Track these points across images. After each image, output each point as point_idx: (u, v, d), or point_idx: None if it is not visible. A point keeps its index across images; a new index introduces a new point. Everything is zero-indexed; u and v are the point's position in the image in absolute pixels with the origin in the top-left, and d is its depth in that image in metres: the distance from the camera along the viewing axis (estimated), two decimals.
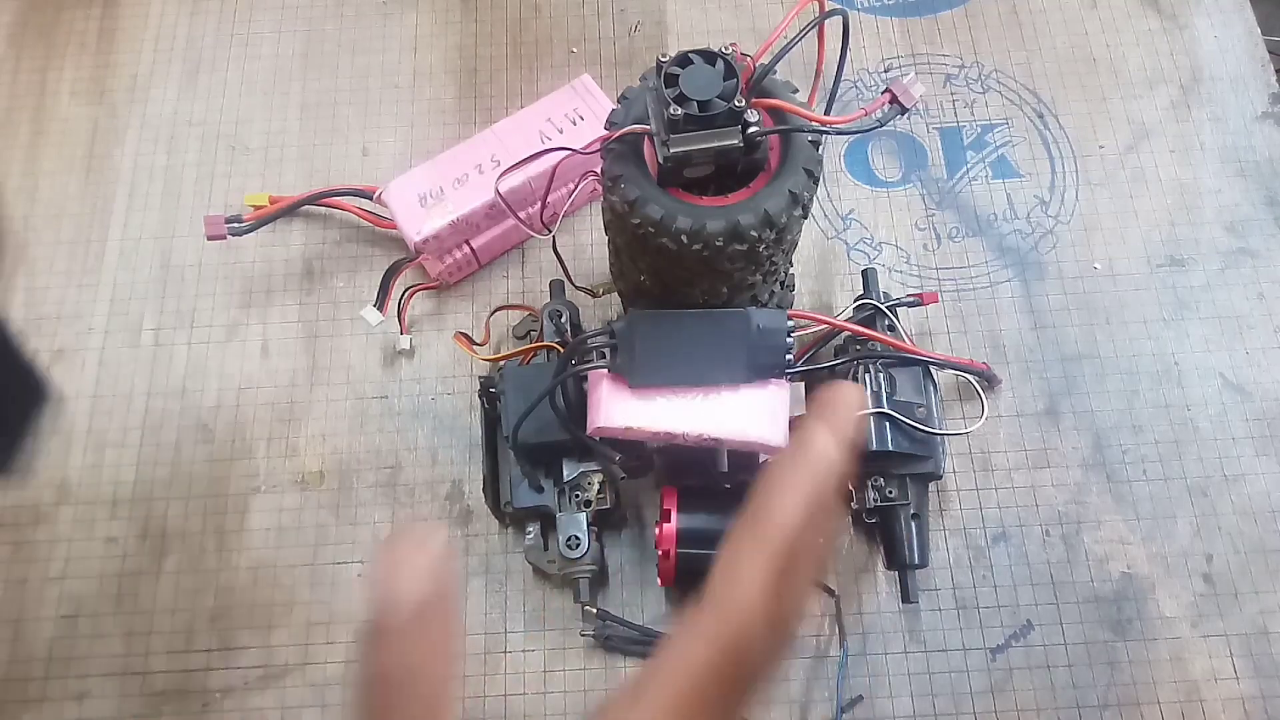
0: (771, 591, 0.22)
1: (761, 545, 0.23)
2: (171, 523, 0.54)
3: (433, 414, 0.56)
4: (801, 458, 0.23)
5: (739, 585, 0.23)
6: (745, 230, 0.39)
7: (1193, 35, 0.65)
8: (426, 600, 0.22)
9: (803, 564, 0.23)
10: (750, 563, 0.23)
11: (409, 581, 0.22)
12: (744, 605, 0.22)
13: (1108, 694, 0.49)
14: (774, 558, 0.23)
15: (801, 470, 0.23)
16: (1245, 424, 0.55)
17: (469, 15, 0.67)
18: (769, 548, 0.23)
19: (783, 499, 0.23)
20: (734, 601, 0.23)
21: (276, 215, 0.57)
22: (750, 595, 0.22)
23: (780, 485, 0.23)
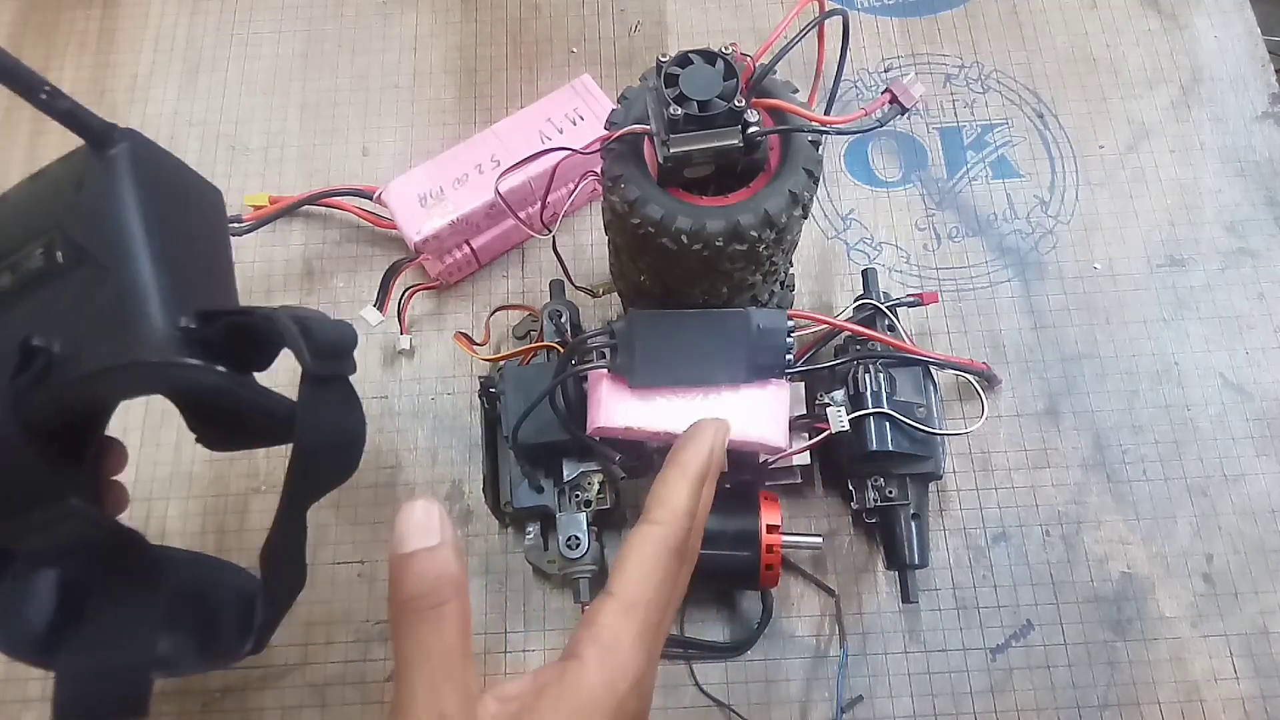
0: (691, 504, 0.33)
1: (682, 475, 0.34)
2: (171, 523, 0.54)
3: (433, 414, 0.56)
4: (706, 425, 0.36)
5: (670, 502, 0.33)
6: (745, 230, 0.39)
7: (1193, 35, 0.65)
8: (449, 534, 0.28)
9: (707, 487, 0.35)
10: (677, 486, 0.33)
11: (434, 521, 0.28)
12: (676, 512, 0.32)
13: (1108, 694, 0.49)
14: (692, 484, 0.33)
15: (707, 431, 0.36)
16: (1245, 424, 0.55)
17: (469, 15, 0.67)
18: (688, 477, 0.34)
19: (694, 447, 0.35)
20: (669, 511, 0.33)
21: (276, 215, 0.57)
22: (679, 507, 0.33)
23: (692, 440, 0.35)
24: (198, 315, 0.30)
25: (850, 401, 0.48)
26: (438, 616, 0.27)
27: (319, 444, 0.32)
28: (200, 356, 0.30)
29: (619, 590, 0.30)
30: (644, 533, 0.32)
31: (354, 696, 0.50)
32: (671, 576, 0.32)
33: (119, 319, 0.29)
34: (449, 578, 0.28)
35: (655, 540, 0.32)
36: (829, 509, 0.53)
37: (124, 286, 0.30)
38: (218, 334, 0.30)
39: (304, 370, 0.31)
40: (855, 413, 0.47)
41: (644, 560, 0.31)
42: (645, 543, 0.32)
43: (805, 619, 0.51)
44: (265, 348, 0.32)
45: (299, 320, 0.31)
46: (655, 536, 0.32)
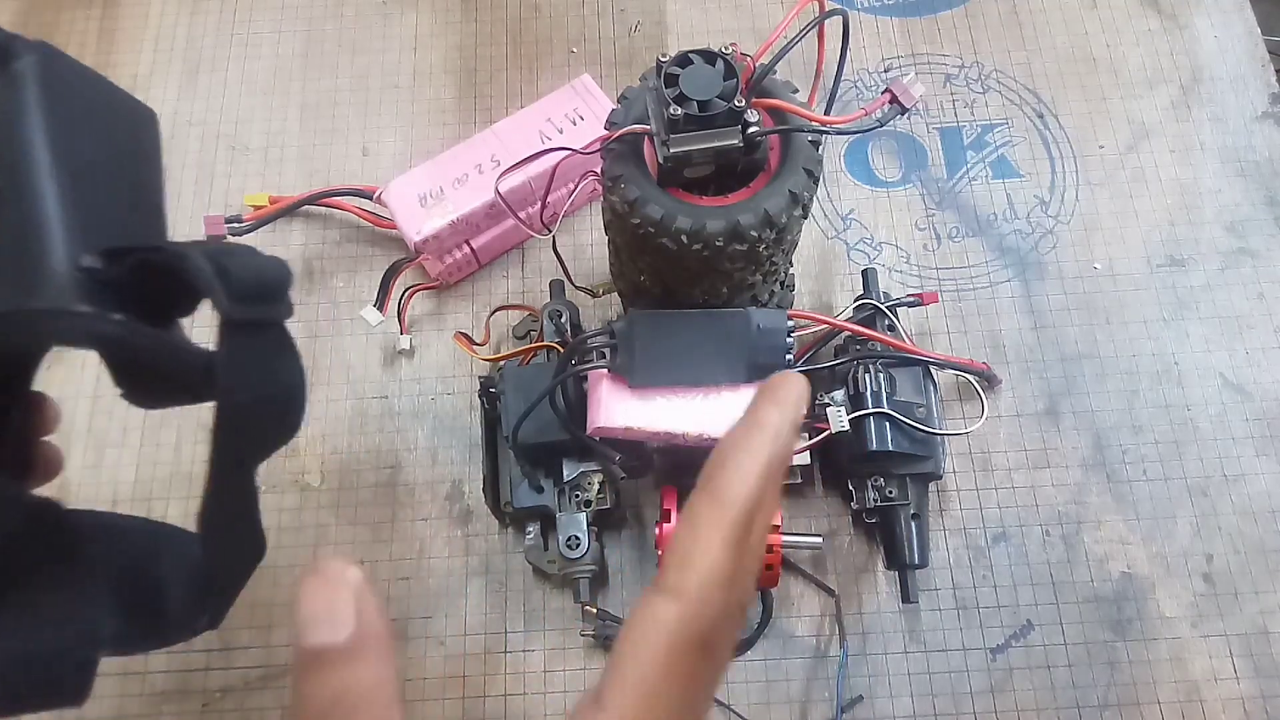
0: (730, 568, 0.22)
1: (718, 519, 0.22)
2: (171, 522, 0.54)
3: (433, 414, 0.56)
4: (756, 431, 0.23)
5: (698, 564, 0.22)
6: (745, 230, 0.39)
7: (1193, 35, 0.65)
8: (367, 623, 0.21)
9: (757, 538, 0.23)
10: (708, 539, 0.22)
11: (344, 606, 0.21)
12: (705, 585, 0.22)
13: (1108, 694, 0.49)
14: (731, 532, 0.22)
15: (755, 443, 0.23)
16: (1245, 424, 0.55)
17: (469, 15, 0.67)
18: (726, 522, 0.22)
19: (738, 471, 0.22)
20: (695, 582, 0.21)
21: (276, 215, 0.57)
22: (710, 575, 0.22)
23: (735, 458, 0.22)
24: (103, 254, 0.26)
25: (850, 401, 0.48)
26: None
27: (245, 400, 0.28)
28: (104, 301, 0.25)
29: (613, 705, 0.21)
30: (656, 615, 0.21)
31: None
32: (695, 686, 0.22)
33: (16, 258, 0.25)
34: (362, 689, 0.21)
35: (669, 628, 0.21)
36: (829, 509, 0.53)
37: (21, 220, 0.26)
38: (125, 275, 0.26)
39: (221, 316, 0.27)
40: (855, 413, 0.47)
41: (653, 664, 0.21)
42: (656, 632, 0.21)
43: (805, 619, 0.51)
44: (184, 290, 0.28)
45: (214, 257, 0.26)
46: (669, 622, 0.21)
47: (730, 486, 0.22)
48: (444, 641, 0.51)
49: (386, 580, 0.52)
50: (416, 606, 0.52)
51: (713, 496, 0.22)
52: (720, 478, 0.22)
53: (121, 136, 0.31)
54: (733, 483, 0.22)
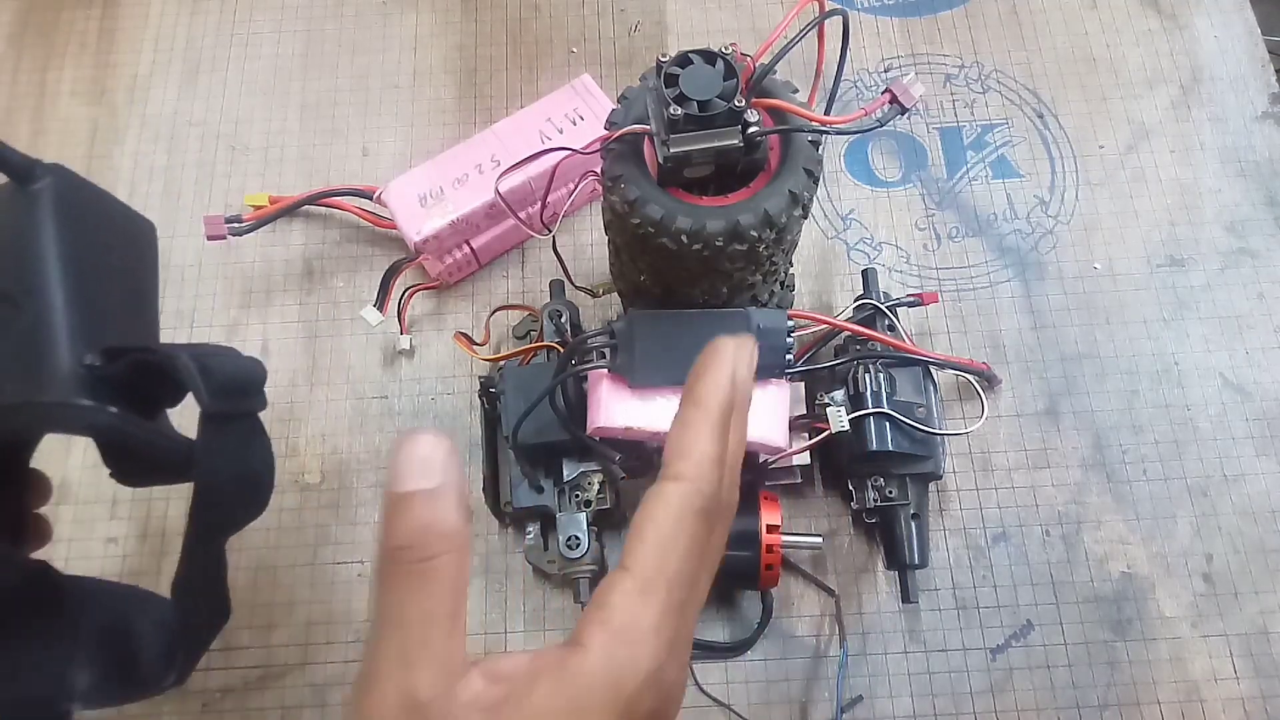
0: (717, 451, 0.27)
1: (702, 417, 0.27)
2: (171, 523, 0.54)
3: (433, 414, 0.56)
4: (717, 355, 0.28)
5: (691, 452, 0.26)
6: (745, 230, 0.39)
7: (1193, 35, 0.65)
8: (453, 478, 0.24)
9: (735, 431, 0.28)
10: (696, 432, 0.27)
11: (435, 460, 0.24)
12: (700, 465, 0.26)
13: (1108, 694, 0.49)
14: (714, 426, 0.27)
15: (721, 358, 0.28)
16: (1245, 424, 0.55)
17: (469, 15, 0.67)
18: (709, 419, 0.27)
19: (712, 380, 0.27)
20: (692, 464, 0.26)
21: (276, 215, 0.57)
22: (703, 458, 0.26)
23: (707, 373, 0.28)
24: (103, 353, 0.30)
25: (850, 401, 0.48)
26: (421, 574, 0.23)
27: (218, 483, 0.32)
28: (102, 394, 0.30)
29: (635, 565, 0.25)
30: (663, 492, 0.26)
31: None
32: (700, 544, 0.26)
33: (28, 356, 0.30)
34: (442, 529, 0.24)
35: (678, 500, 0.26)
36: (829, 509, 0.53)
37: (35, 323, 0.30)
38: (122, 371, 0.30)
39: (202, 409, 0.30)
40: (855, 413, 0.47)
41: (665, 526, 0.25)
42: (666, 504, 0.26)
43: (805, 619, 0.51)
44: (172, 385, 0.32)
45: (199, 358, 0.30)
46: (677, 496, 0.26)
47: (708, 392, 0.27)
48: None
49: None
50: None
51: (695, 402, 0.27)
52: (699, 388, 0.27)
53: (123, 247, 0.36)
54: (709, 389, 0.27)
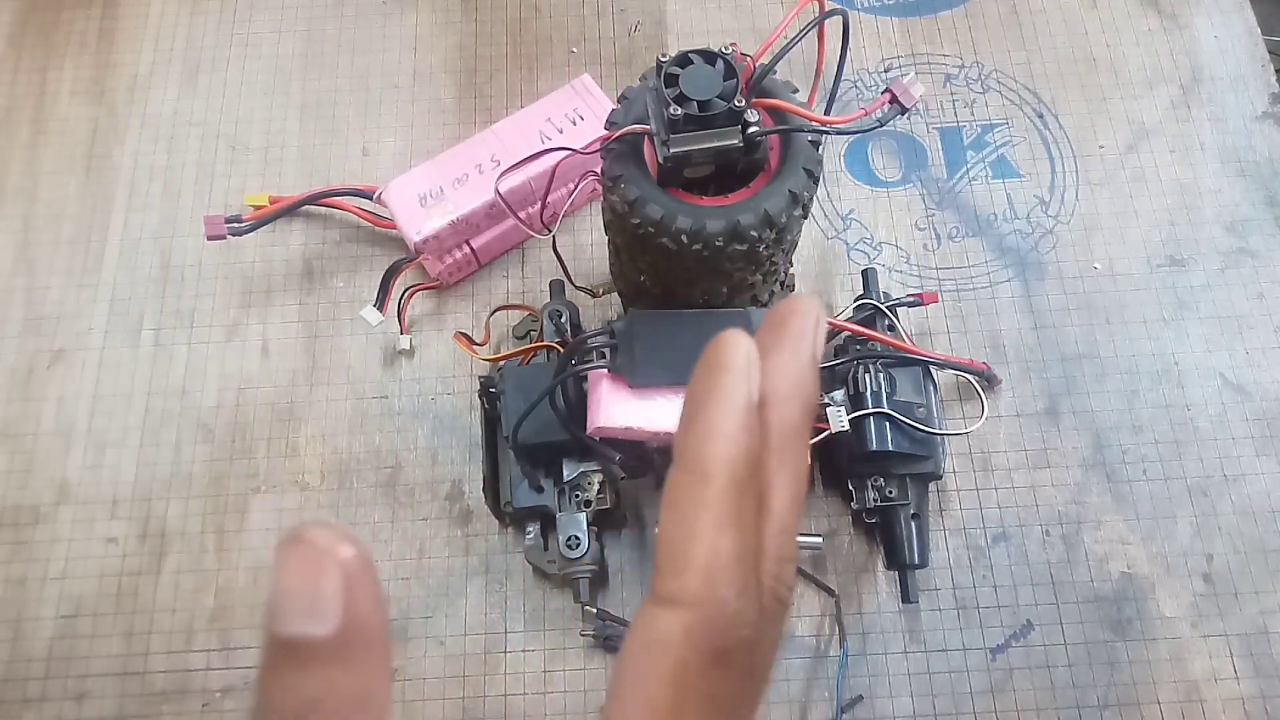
0: (734, 553, 0.17)
1: (701, 497, 0.17)
2: (171, 523, 0.54)
3: (433, 414, 0.56)
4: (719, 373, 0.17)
5: (693, 560, 0.17)
6: (745, 230, 0.39)
7: (1193, 35, 0.65)
8: (357, 616, 0.16)
9: (780, 505, 0.18)
10: (694, 524, 0.17)
11: (330, 589, 0.16)
12: (707, 583, 0.17)
13: (1108, 694, 0.49)
14: (722, 508, 0.17)
15: (723, 387, 0.17)
16: (1245, 424, 0.55)
17: (469, 15, 0.67)
18: (712, 498, 0.17)
19: (707, 429, 0.16)
20: (694, 582, 0.16)
21: (276, 215, 0.57)
22: (711, 569, 0.17)
23: (700, 413, 0.17)
24: None
25: (850, 401, 0.48)
26: None
27: None
28: None
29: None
30: (653, 629, 0.17)
31: None
32: (719, 704, 0.17)
33: None
34: (334, 704, 0.16)
35: (673, 645, 0.17)
36: (829, 509, 0.53)
37: None
38: None
39: None
40: (855, 413, 0.47)
41: (656, 687, 0.17)
42: (656, 651, 0.17)
43: (805, 619, 0.51)
44: None
45: None
46: (673, 636, 0.17)
47: (703, 452, 0.17)
48: (444, 641, 0.51)
49: (387, 580, 0.52)
50: (416, 606, 0.52)
51: (687, 468, 0.17)
52: (691, 444, 0.17)
53: None
54: (704, 446, 0.17)
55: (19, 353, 0.58)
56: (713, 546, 0.16)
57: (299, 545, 0.16)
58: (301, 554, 0.16)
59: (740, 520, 0.17)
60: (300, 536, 0.16)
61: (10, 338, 0.58)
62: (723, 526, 0.16)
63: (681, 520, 0.17)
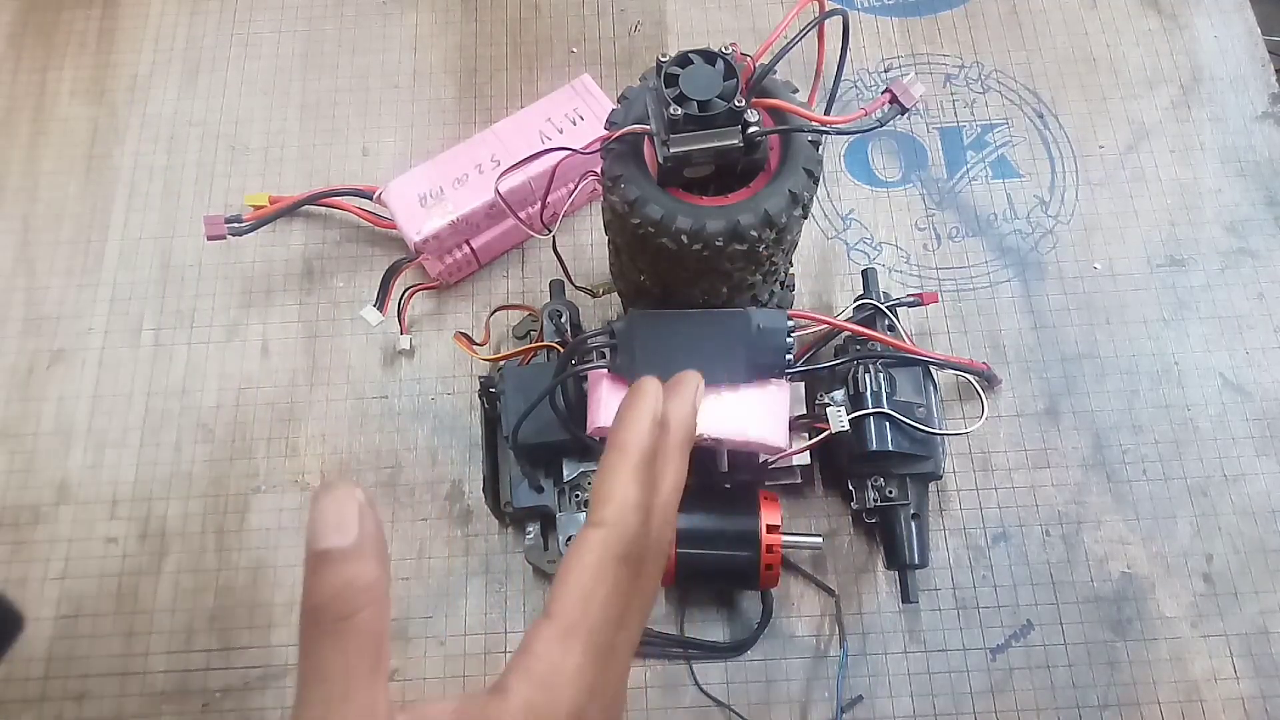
0: (639, 496, 0.27)
1: (622, 463, 0.28)
2: (171, 523, 0.54)
3: (433, 414, 0.56)
4: (639, 397, 0.29)
5: (610, 497, 0.27)
6: (745, 230, 0.39)
7: (1193, 35, 0.65)
8: (368, 530, 0.24)
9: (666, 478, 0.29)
10: (614, 478, 0.27)
11: (350, 515, 0.24)
12: (619, 511, 0.27)
13: (1108, 694, 0.49)
14: (634, 470, 0.28)
15: (642, 404, 0.29)
16: (1245, 424, 0.55)
17: (469, 15, 0.67)
18: (628, 464, 0.28)
19: (631, 425, 0.28)
20: (610, 510, 0.27)
21: (276, 215, 0.57)
22: (623, 504, 0.27)
23: (627, 417, 0.29)
24: None
25: (850, 401, 0.48)
26: (340, 631, 0.24)
27: None
28: None
29: (557, 612, 0.26)
30: (585, 539, 0.27)
31: None
32: (623, 589, 0.27)
33: None
34: (360, 584, 0.24)
35: (598, 547, 0.27)
36: (829, 509, 0.53)
37: None
38: None
39: None
40: (855, 413, 0.47)
41: (586, 573, 0.26)
42: (587, 551, 0.27)
43: (805, 619, 0.51)
44: None
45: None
46: (598, 542, 0.27)
47: (626, 437, 0.28)
48: (444, 641, 0.51)
49: None
50: (416, 606, 0.52)
51: (615, 446, 0.28)
52: (618, 433, 0.28)
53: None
54: (627, 434, 0.28)
55: (19, 353, 0.58)
56: (624, 491, 0.27)
57: (328, 491, 0.24)
58: (330, 495, 0.24)
59: (641, 483, 0.28)
60: (327, 486, 0.24)
61: (10, 338, 0.58)
62: (631, 483, 0.27)
63: (608, 476, 0.28)
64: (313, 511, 0.24)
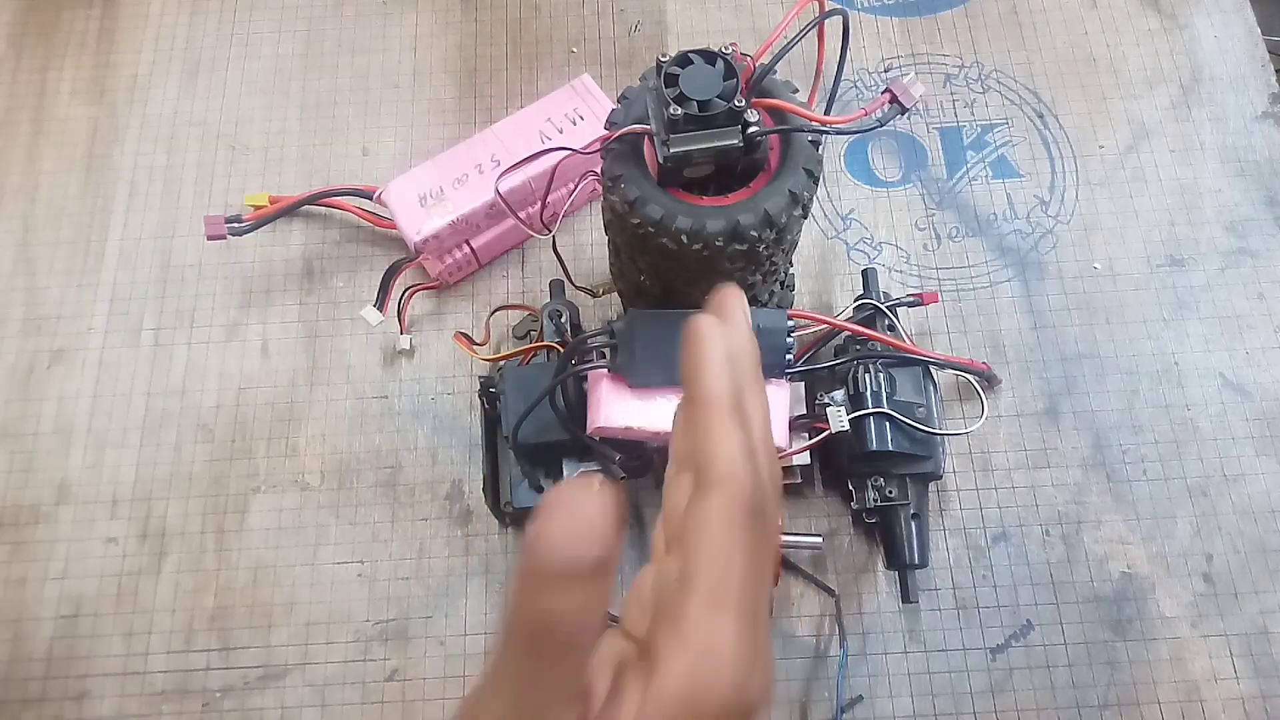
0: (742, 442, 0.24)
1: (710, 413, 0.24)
2: (171, 523, 0.54)
3: (433, 414, 0.56)
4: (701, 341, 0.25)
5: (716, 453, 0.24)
6: (745, 230, 0.39)
7: (1193, 35, 0.65)
8: (613, 550, 0.21)
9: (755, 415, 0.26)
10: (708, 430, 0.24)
11: (602, 527, 0.21)
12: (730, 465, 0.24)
13: (1108, 694, 0.49)
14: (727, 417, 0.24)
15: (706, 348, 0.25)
16: (1245, 424, 0.55)
17: (469, 15, 0.67)
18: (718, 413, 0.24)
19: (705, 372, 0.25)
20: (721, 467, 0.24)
21: (276, 215, 0.57)
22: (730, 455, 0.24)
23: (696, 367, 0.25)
24: None
25: (850, 401, 0.48)
26: (562, 659, 0.22)
27: None
28: None
29: (700, 580, 0.23)
30: (706, 505, 0.24)
31: (354, 696, 0.50)
32: (758, 546, 0.24)
33: None
34: (594, 607, 0.21)
35: (724, 509, 0.24)
36: (829, 509, 0.53)
37: None
38: None
39: None
40: (855, 413, 0.47)
41: (719, 538, 0.24)
42: (714, 516, 0.24)
43: (805, 619, 0.51)
44: None
45: None
46: (722, 504, 0.24)
47: (708, 386, 0.25)
48: (444, 641, 0.51)
49: (386, 580, 0.52)
50: (416, 606, 0.52)
51: (699, 401, 0.25)
52: (697, 385, 0.25)
53: None
54: (708, 382, 0.25)
55: (19, 353, 0.58)
56: (729, 444, 0.24)
57: (584, 488, 0.21)
58: (582, 496, 0.21)
59: (740, 427, 0.25)
60: (580, 482, 0.21)
61: (10, 338, 0.58)
62: (731, 431, 0.24)
63: (705, 433, 0.24)
64: (554, 507, 0.21)
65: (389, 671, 0.51)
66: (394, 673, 0.51)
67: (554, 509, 0.21)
